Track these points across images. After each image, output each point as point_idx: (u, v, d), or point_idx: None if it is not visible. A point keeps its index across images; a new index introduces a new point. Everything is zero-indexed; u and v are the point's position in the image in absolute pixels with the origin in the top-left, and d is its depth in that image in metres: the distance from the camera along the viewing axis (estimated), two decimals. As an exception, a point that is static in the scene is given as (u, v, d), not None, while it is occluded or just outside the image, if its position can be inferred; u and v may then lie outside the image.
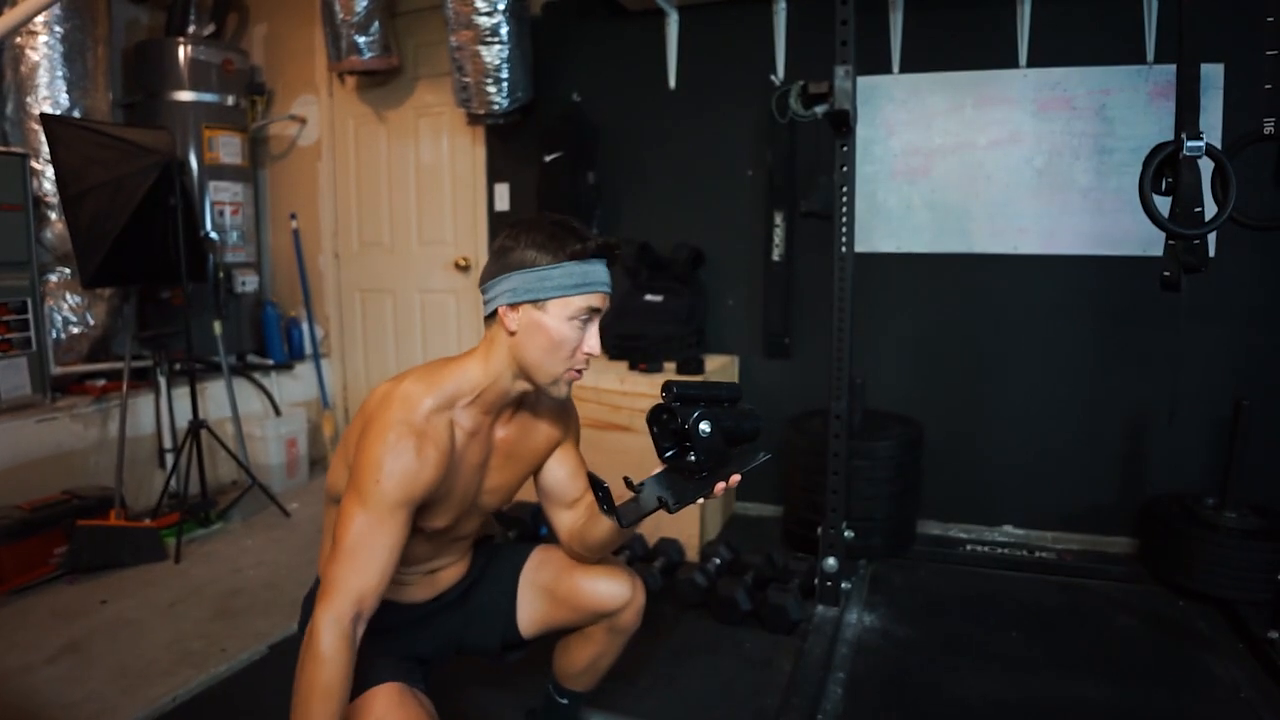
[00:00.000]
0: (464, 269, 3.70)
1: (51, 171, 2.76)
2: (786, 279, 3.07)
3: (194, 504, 2.93)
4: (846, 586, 2.35)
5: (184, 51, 3.44)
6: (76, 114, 3.03)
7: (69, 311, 3.07)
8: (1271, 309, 2.59)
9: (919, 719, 1.86)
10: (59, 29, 2.96)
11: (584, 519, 1.39)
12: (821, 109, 2.84)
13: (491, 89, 3.12)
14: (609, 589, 1.44)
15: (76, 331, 3.09)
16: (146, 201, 2.72)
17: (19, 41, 2.90)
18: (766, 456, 1.19)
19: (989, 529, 2.96)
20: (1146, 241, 2.47)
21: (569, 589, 1.45)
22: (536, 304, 1.18)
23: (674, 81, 3.20)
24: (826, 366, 2.25)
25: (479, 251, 3.64)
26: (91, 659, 2.05)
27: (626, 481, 1.12)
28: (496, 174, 3.57)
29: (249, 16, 3.94)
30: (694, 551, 2.67)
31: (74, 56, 3.01)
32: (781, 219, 3.03)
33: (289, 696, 1.05)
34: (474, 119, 3.36)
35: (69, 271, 3.05)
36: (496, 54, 3.05)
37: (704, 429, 1.07)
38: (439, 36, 3.34)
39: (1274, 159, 1.95)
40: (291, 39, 3.87)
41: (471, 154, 3.62)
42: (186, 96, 3.46)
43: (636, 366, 2.83)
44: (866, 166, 2.90)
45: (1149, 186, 1.73)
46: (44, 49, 2.94)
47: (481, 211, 3.61)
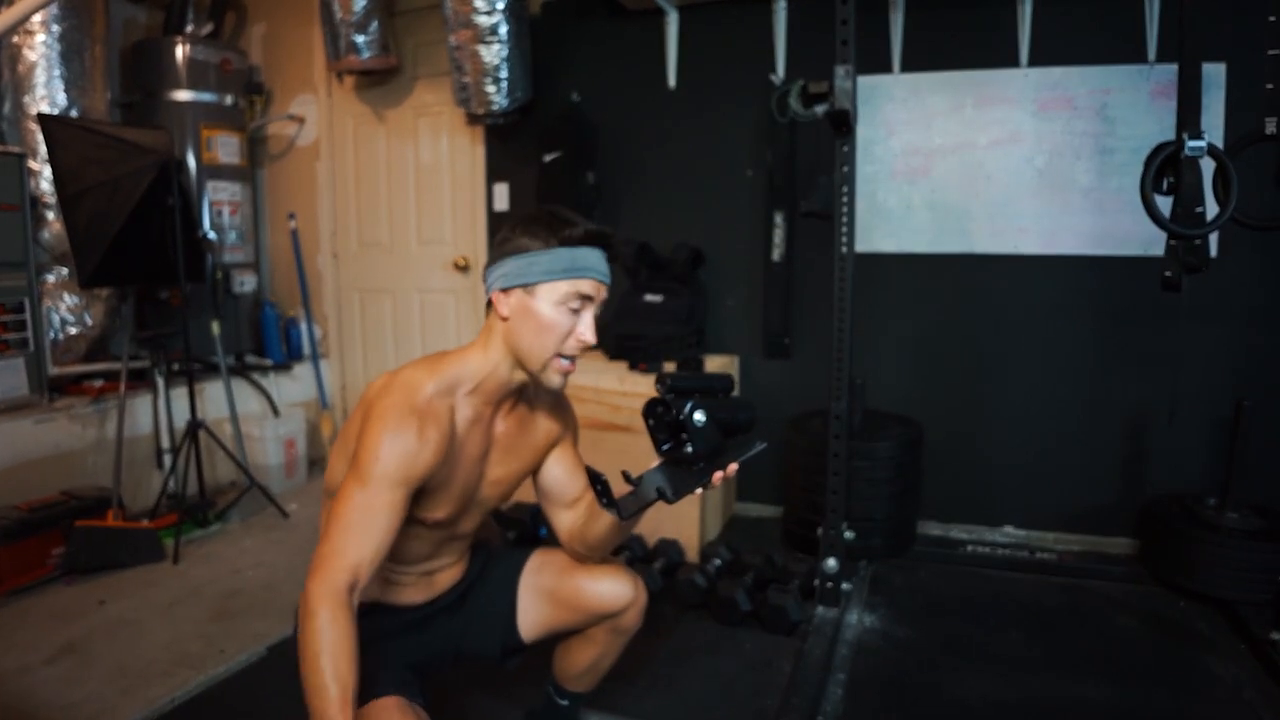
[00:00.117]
0: (463, 269, 3.70)
1: (49, 171, 2.75)
2: (786, 279, 3.07)
3: (192, 505, 2.92)
4: (847, 587, 2.35)
5: (182, 51, 3.43)
6: (74, 113, 3.02)
7: (67, 312, 3.06)
8: (1272, 309, 2.59)
9: (919, 719, 1.86)
10: (56, 28, 2.95)
11: (584, 518, 1.39)
12: (822, 109, 2.84)
13: (491, 88, 3.12)
14: (612, 590, 1.43)
15: (74, 332, 3.09)
16: (144, 201, 2.72)
17: (16, 41, 2.89)
18: (762, 446, 1.20)
19: (989, 529, 2.95)
20: (1147, 242, 2.47)
21: (571, 591, 1.44)
22: (526, 288, 1.20)
23: (674, 81, 3.20)
24: (826, 366, 2.24)
25: (478, 251, 3.63)
26: (90, 660, 2.05)
27: (624, 475, 1.13)
28: (496, 174, 3.56)
29: (247, 16, 3.93)
30: (694, 552, 2.66)
31: (71, 56, 3.00)
32: (781, 219, 3.03)
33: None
34: (473, 119, 3.35)
35: (66, 271, 3.04)
36: (496, 53, 3.05)
37: (699, 419, 1.08)
38: (438, 36, 3.34)
39: (1275, 159, 1.94)
40: (290, 38, 3.86)
41: (471, 154, 3.61)
42: (184, 96, 3.45)
43: (636, 366, 2.82)
44: (867, 166, 2.90)
45: (1150, 186, 1.73)
46: (41, 48, 2.93)
47: (481, 211, 3.60)
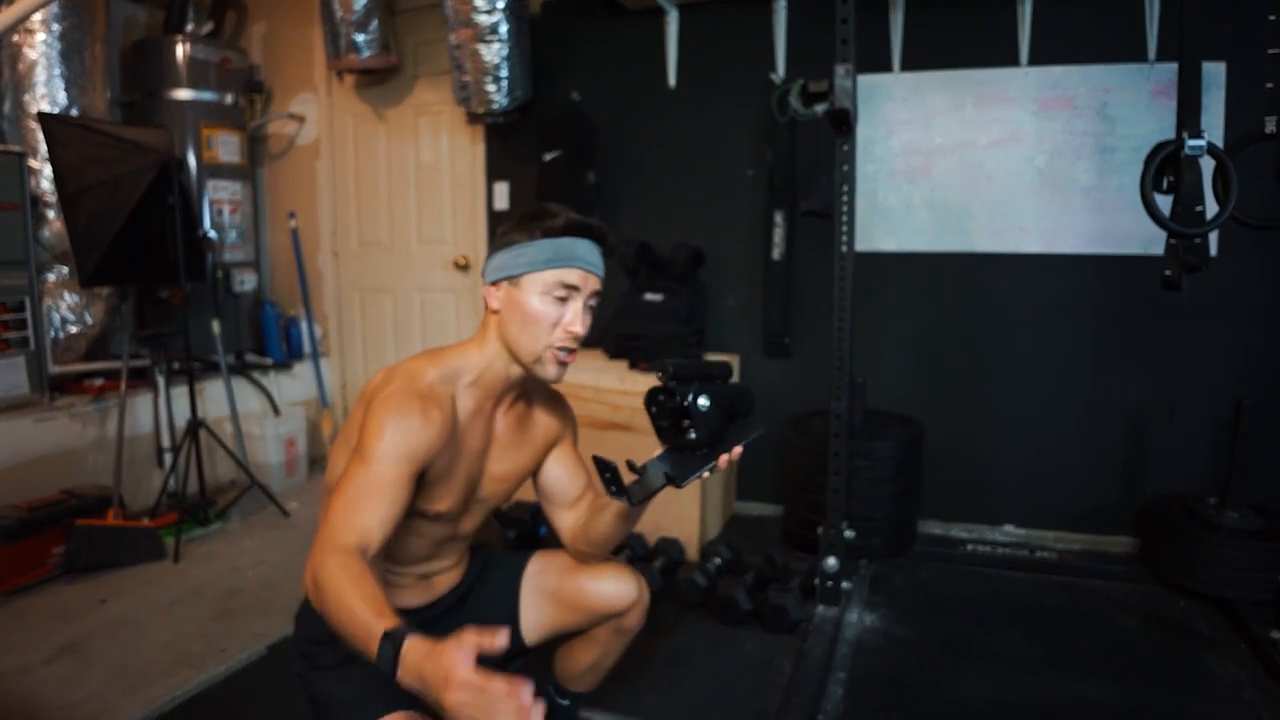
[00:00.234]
0: (463, 268, 3.70)
1: (49, 170, 2.75)
2: (786, 278, 3.07)
3: (193, 503, 2.92)
4: (847, 586, 2.35)
5: (182, 50, 3.43)
6: (74, 112, 3.02)
7: (67, 310, 3.06)
8: (1272, 308, 2.59)
9: (919, 719, 1.86)
10: (57, 27, 2.95)
11: (586, 517, 1.39)
12: (822, 108, 2.84)
13: (491, 87, 3.12)
14: (616, 589, 1.43)
15: (74, 330, 3.09)
16: (145, 200, 2.72)
17: (16, 39, 2.89)
18: (763, 430, 1.22)
19: (990, 529, 2.95)
20: (1148, 241, 2.47)
21: (574, 591, 1.44)
22: (512, 280, 1.22)
23: (674, 80, 3.20)
24: (827, 366, 2.24)
25: (478, 251, 3.63)
26: (90, 659, 2.05)
27: (629, 464, 1.14)
28: (496, 173, 3.56)
29: (247, 15, 3.93)
30: (694, 551, 2.67)
31: (72, 55, 3.00)
32: (782, 218, 3.02)
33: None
34: (473, 118, 3.35)
35: (67, 270, 3.04)
36: (496, 52, 3.05)
37: (703, 404, 1.10)
38: (438, 35, 3.33)
39: (1275, 158, 1.94)
40: (290, 37, 3.86)
41: (471, 153, 3.61)
42: (185, 95, 3.45)
43: (636, 366, 2.82)
44: (867, 166, 2.90)
45: (1150, 185, 1.73)
46: (42, 47, 2.93)
47: (481, 210, 3.60)
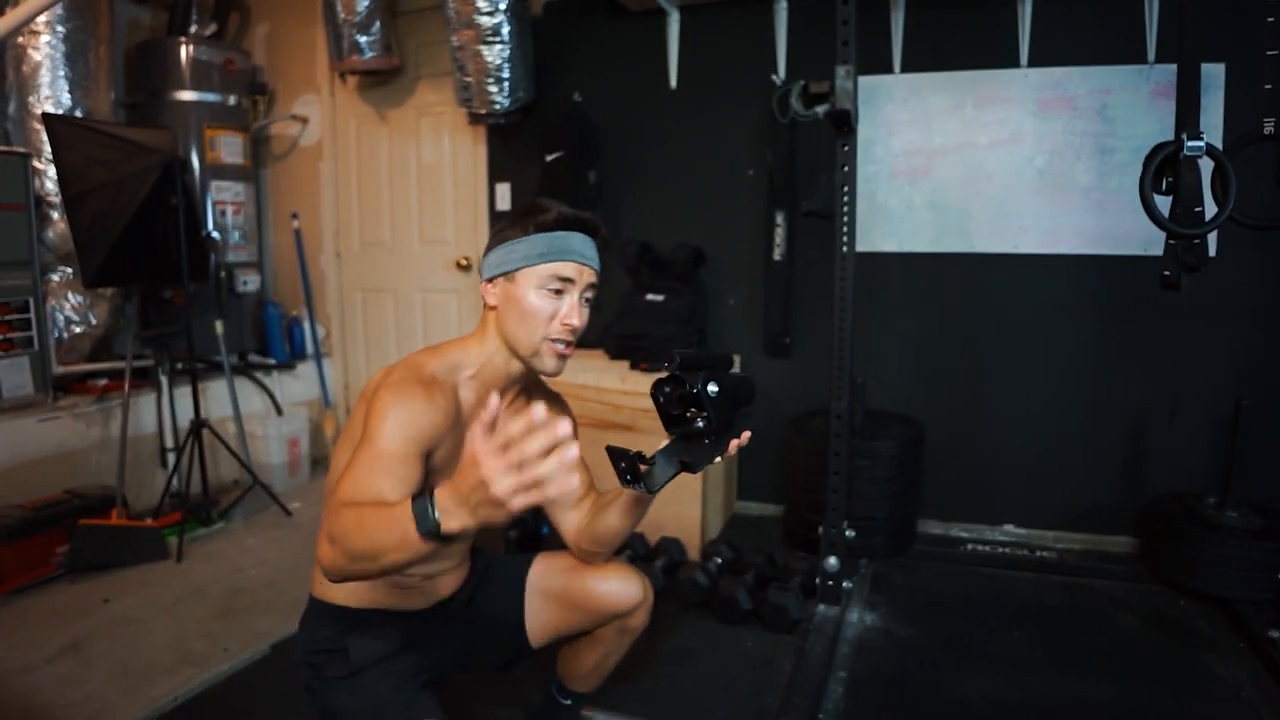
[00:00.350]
0: (465, 268, 3.70)
1: (53, 171, 2.76)
2: (787, 279, 3.07)
3: (196, 503, 2.93)
4: (848, 586, 2.36)
5: (186, 51, 3.45)
6: (78, 113, 3.02)
7: (71, 311, 3.07)
8: (1272, 308, 2.59)
9: (920, 718, 1.86)
10: (61, 29, 2.96)
11: (591, 515, 1.39)
12: (822, 108, 2.86)
13: (493, 88, 3.13)
14: (622, 589, 1.44)
15: (78, 331, 3.10)
16: (148, 201, 2.73)
17: (21, 41, 2.90)
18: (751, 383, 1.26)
19: (990, 528, 2.96)
20: (1147, 241, 2.47)
21: (580, 592, 1.44)
22: (508, 276, 1.23)
23: (675, 81, 3.21)
24: (827, 366, 2.24)
25: (480, 251, 3.61)
26: (93, 658, 2.06)
27: (639, 455, 1.15)
28: (498, 173, 3.57)
29: (250, 16, 3.94)
30: (695, 551, 2.67)
31: (76, 56, 3.01)
32: (782, 219, 3.03)
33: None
34: (475, 118, 3.36)
35: (71, 271, 3.05)
36: (498, 53, 3.06)
37: (713, 390, 1.12)
38: (440, 36, 3.34)
39: (1274, 159, 1.95)
40: (293, 39, 3.87)
41: (473, 153, 3.62)
42: (188, 96, 3.46)
43: (637, 366, 2.83)
44: (867, 166, 2.90)
45: (1149, 186, 1.73)
46: (46, 49, 2.94)
47: (483, 211, 3.61)
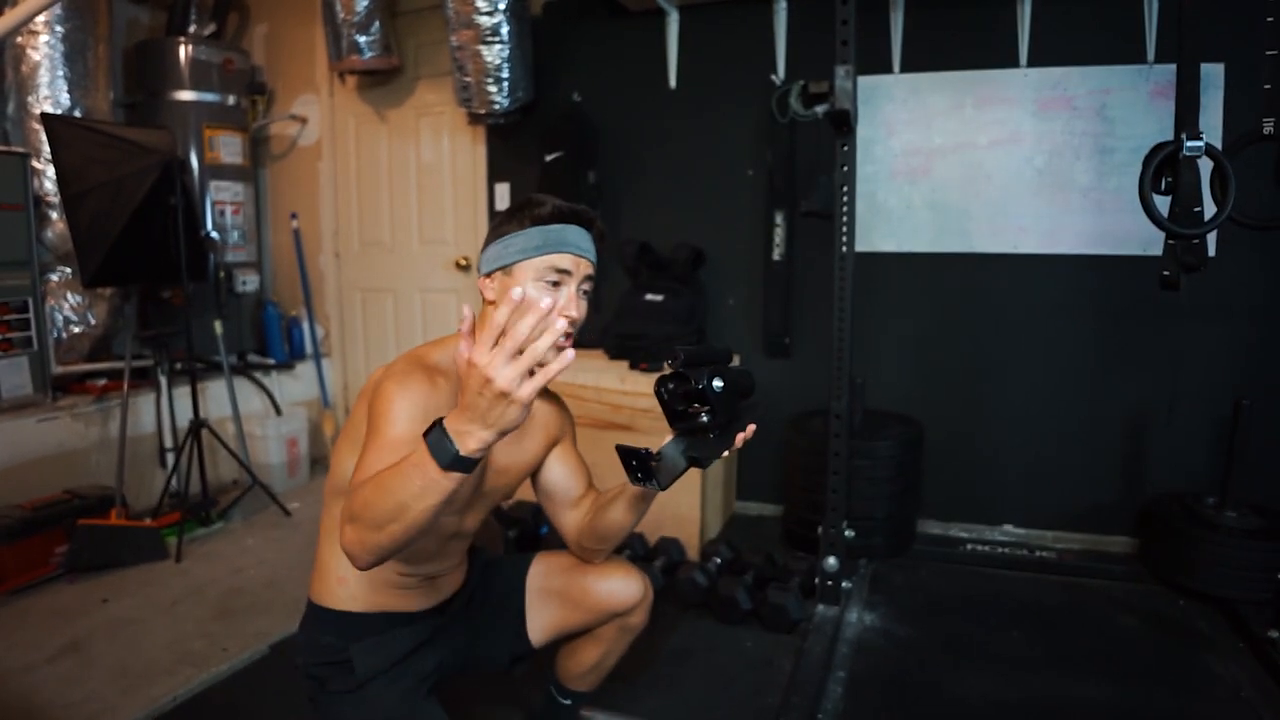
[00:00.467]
0: (465, 268, 3.70)
1: (52, 171, 2.76)
2: (787, 279, 3.07)
3: (195, 503, 2.93)
4: (847, 586, 2.36)
5: (185, 51, 3.44)
6: (77, 113, 3.02)
7: (70, 311, 3.07)
8: (1271, 308, 2.59)
9: (919, 718, 1.86)
10: (60, 29, 2.95)
11: (593, 512, 1.39)
12: (822, 108, 2.86)
13: (492, 88, 3.13)
14: (623, 587, 1.44)
15: (77, 331, 3.09)
16: (147, 201, 2.73)
17: (20, 41, 2.90)
18: (765, 405, 1.27)
19: (989, 528, 2.96)
20: (1147, 241, 2.47)
21: (580, 591, 1.45)
22: (505, 270, 1.25)
23: (674, 81, 3.21)
24: (827, 366, 2.25)
25: (480, 251, 3.63)
26: (92, 658, 2.06)
27: (649, 452, 1.15)
28: (497, 173, 3.57)
29: (250, 16, 3.94)
30: (694, 550, 2.67)
31: (75, 56, 3.01)
32: (782, 219, 3.03)
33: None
34: (475, 118, 3.36)
35: (70, 271, 3.05)
36: (497, 53, 3.06)
37: (718, 385, 1.13)
38: (440, 36, 3.34)
39: (1273, 159, 1.95)
40: (292, 38, 3.87)
41: (472, 153, 3.62)
42: (187, 96, 3.46)
43: (637, 366, 2.83)
44: (867, 166, 2.90)
45: (1149, 186, 1.73)
46: (45, 48, 2.94)
47: (482, 211, 3.61)
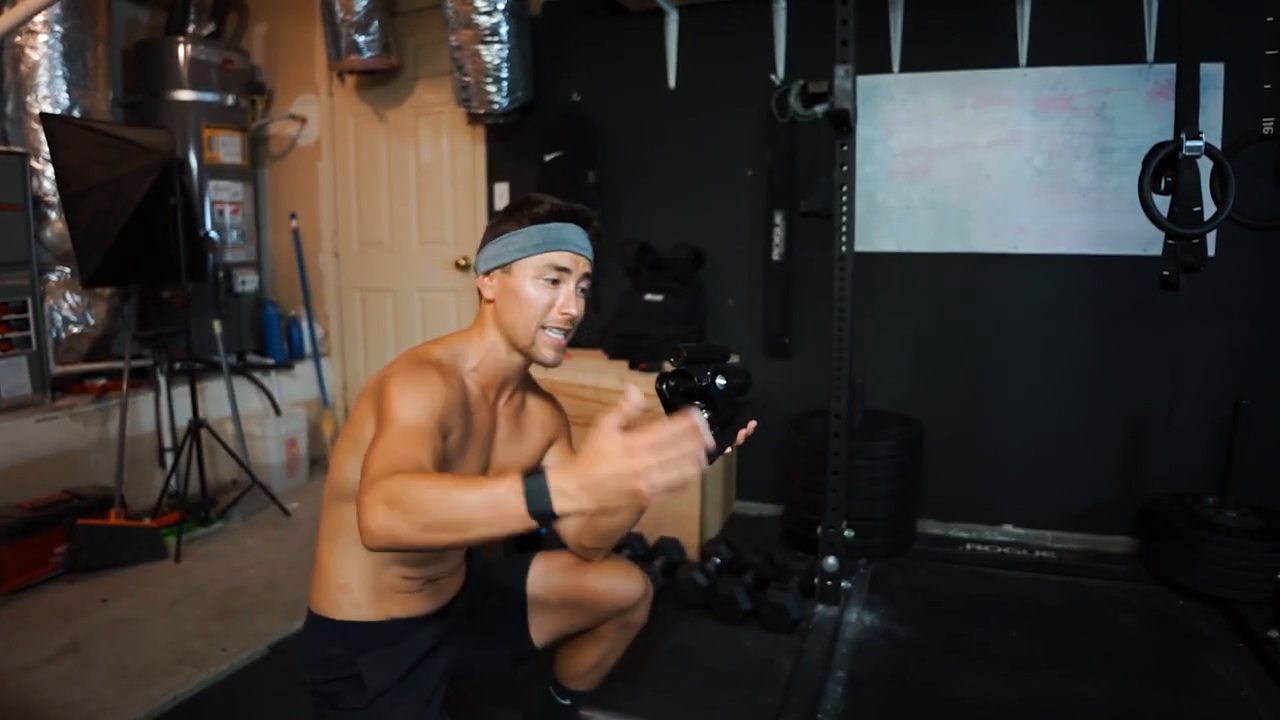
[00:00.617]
0: (464, 268, 3.70)
1: (51, 171, 2.76)
2: (786, 279, 3.07)
3: (194, 503, 2.93)
4: (847, 586, 2.36)
5: (184, 51, 3.44)
6: (76, 113, 3.02)
7: (69, 311, 3.07)
8: (1271, 308, 2.59)
9: (919, 718, 1.86)
10: (59, 28, 2.95)
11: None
12: (821, 108, 2.86)
13: (491, 88, 3.12)
14: (624, 585, 1.45)
15: (76, 331, 3.09)
16: (146, 201, 2.72)
17: (19, 41, 2.89)
18: (765, 403, 1.27)
19: (989, 528, 2.96)
20: (1146, 241, 2.47)
21: (581, 590, 1.45)
22: (505, 268, 1.26)
23: (674, 81, 3.20)
24: (826, 366, 2.25)
25: (477, 250, 3.63)
26: (92, 658, 2.05)
27: None
28: (497, 173, 3.56)
29: (249, 16, 3.94)
30: (694, 550, 2.67)
31: (74, 56, 3.01)
32: (781, 219, 3.03)
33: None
34: (474, 118, 3.35)
35: (69, 271, 3.05)
36: (496, 53, 3.06)
37: (720, 383, 1.14)
38: (439, 36, 3.34)
39: (1273, 159, 1.95)
40: (291, 38, 3.87)
41: (471, 153, 3.62)
42: (186, 96, 3.45)
43: (637, 366, 2.83)
44: (866, 166, 2.90)
45: (1148, 186, 1.73)
46: (44, 48, 2.94)
47: (482, 211, 3.60)
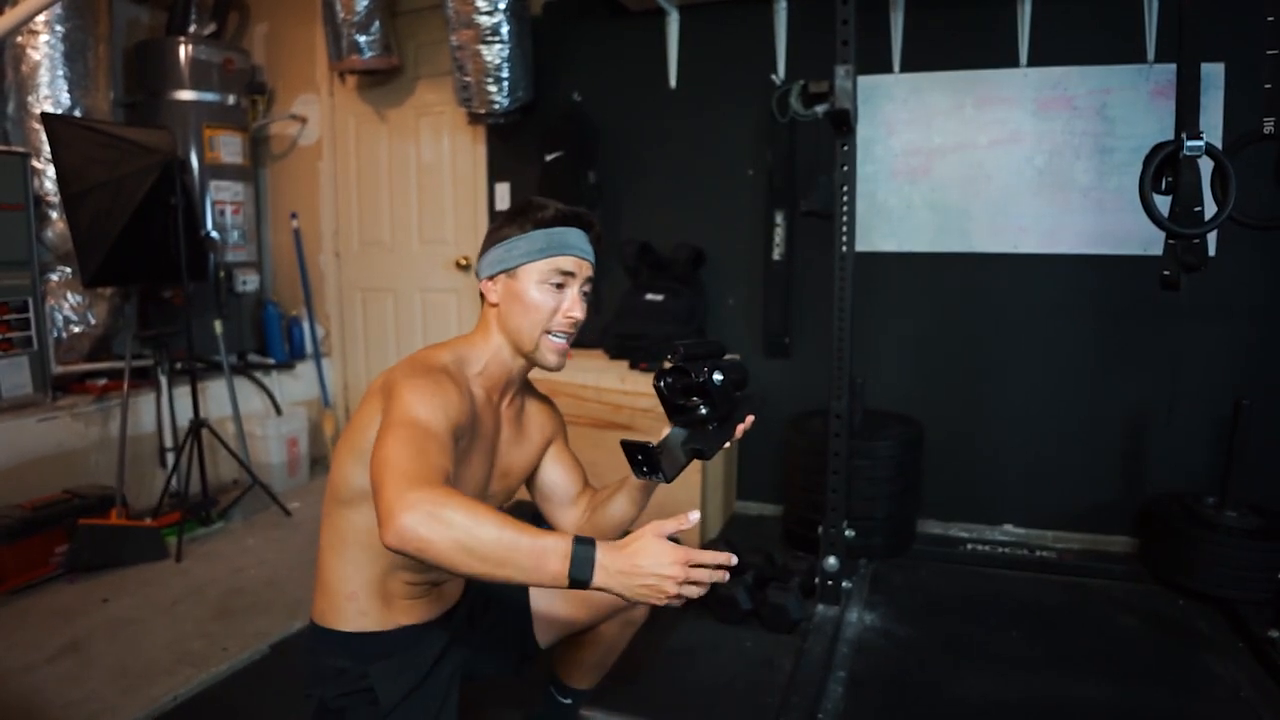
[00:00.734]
0: (465, 268, 3.70)
1: (52, 171, 2.76)
2: (787, 278, 3.07)
3: (195, 503, 2.93)
4: (847, 586, 2.36)
5: (185, 51, 3.44)
6: (77, 113, 3.02)
7: (70, 311, 3.07)
8: (1271, 308, 2.59)
9: (919, 718, 1.86)
10: (60, 28, 2.95)
11: (592, 510, 1.40)
12: (822, 108, 2.86)
13: (492, 88, 3.13)
14: None
15: (77, 330, 3.09)
16: (147, 201, 2.73)
17: (20, 41, 2.90)
18: (762, 397, 1.24)
19: (989, 528, 2.96)
20: (1147, 241, 2.47)
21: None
22: (509, 273, 1.26)
23: (674, 81, 3.20)
24: (827, 366, 2.25)
25: (478, 254, 3.63)
26: (92, 658, 2.06)
27: (650, 445, 1.16)
28: (497, 173, 3.56)
29: (250, 16, 3.94)
30: (694, 551, 2.67)
31: (75, 56, 3.01)
32: (782, 218, 3.03)
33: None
34: (475, 118, 3.36)
35: (70, 271, 3.05)
36: (497, 53, 3.06)
37: (718, 379, 1.15)
38: (440, 36, 3.34)
39: (1273, 158, 1.95)
40: (292, 38, 3.87)
41: (472, 153, 3.62)
42: (187, 96, 3.46)
43: (637, 366, 2.83)
44: (867, 166, 2.90)
45: (1149, 186, 1.73)
46: (45, 48, 2.94)
47: (482, 211, 3.61)
